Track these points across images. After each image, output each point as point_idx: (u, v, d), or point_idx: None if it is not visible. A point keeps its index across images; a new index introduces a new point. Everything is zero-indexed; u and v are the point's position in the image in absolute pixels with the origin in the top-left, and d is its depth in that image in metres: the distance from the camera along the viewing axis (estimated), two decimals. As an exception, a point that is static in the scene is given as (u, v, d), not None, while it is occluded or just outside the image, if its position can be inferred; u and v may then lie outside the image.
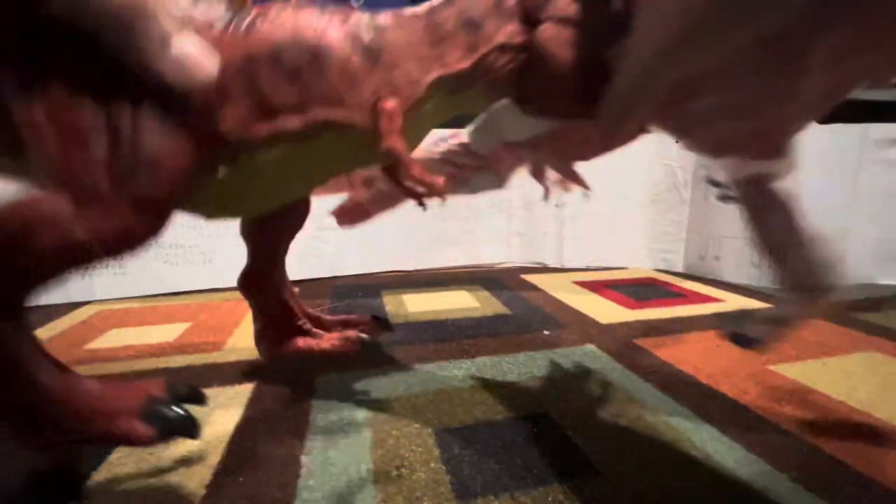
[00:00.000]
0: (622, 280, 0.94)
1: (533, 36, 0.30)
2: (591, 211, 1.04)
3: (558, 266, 1.06)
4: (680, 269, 1.01)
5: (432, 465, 0.33)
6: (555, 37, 0.29)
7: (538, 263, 1.07)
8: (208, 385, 0.46)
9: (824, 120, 0.84)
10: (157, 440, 0.25)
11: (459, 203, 1.03)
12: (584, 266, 1.05)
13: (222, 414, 0.40)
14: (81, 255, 0.23)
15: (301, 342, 0.42)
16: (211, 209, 0.33)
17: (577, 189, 0.51)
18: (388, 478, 0.32)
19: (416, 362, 0.52)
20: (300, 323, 0.42)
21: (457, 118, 0.37)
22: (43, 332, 0.63)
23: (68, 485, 0.26)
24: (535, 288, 0.87)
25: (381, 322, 0.47)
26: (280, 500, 0.30)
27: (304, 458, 0.34)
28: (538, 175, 0.50)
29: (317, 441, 0.36)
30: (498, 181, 0.51)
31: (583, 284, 0.90)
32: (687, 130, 0.33)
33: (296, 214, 0.41)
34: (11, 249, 0.21)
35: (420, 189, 0.29)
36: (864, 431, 0.38)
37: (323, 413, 0.41)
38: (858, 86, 0.27)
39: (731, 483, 0.31)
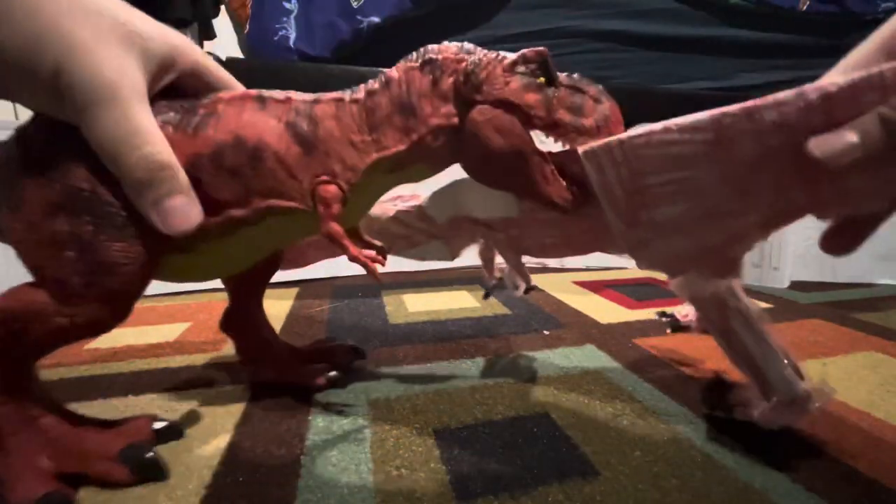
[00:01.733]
0: (622, 280, 0.94)
1: (467, 118, 0.30)
2: (590, 211, 1.04)
3: (558, 266, 1.06)
4: (680, 269, 1.01)
5: (432, 465, 0.33)
6: (487, 121, 0.30)
7: (538, 263, 1.07)
8: (208, 385, 0.46)
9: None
10: (131, 482, 0.30)
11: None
12: (584, 266, 1.05)
13: (222, 414, 0.40)
14: (64, 337, 0.28)
15: (277, 372, 0.45)
16: (175, 278, 0.36)
17: (520, 286, 0.51)
18: (388, 478, 0.32)
19: (416, 362, 0.52)
20: (277, 354, 0.46)
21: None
22: (43, 332, 0.63)
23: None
24: (534, 288, 0.86)
25: (356, 351, 0.49)
26: (280, 500, 0.30)
27: (304, 458, 0.34)
28: (486, 261, 0.51)
29: (317, 441, 0.36)
30: (448, 253, 0.50)
31: (583, 284, 0.90)
32: (644, 246, 0.32)
33: (268, 264, 0.44)
34: (11, 337, 0.26)
35: (362, 262, 0.32)
36: (864, 431, 0.38)
37: (323, 413, 0.41)
38: (802, 215, 0.28)
39: (731, 483, 0.31)
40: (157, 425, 0.35)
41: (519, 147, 0.30)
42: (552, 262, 1.06)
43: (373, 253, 0.32)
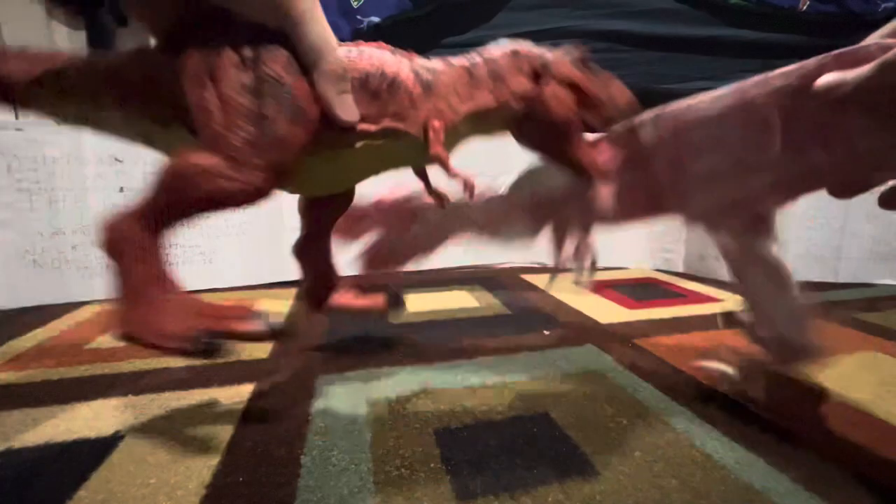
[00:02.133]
0: (622, 280, 0.94)
1: (538, 91, 0.39)
2: (591, 211, 1.04)
3: (557, 266, 1.06)
4: (680, 269, 1.01)
5: (432, 465, 0.33)
6: (554, 94, 0.39)
7: (538, 263, 1.07)
8: (208, 385, 0.46)
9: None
10: (270, 338, 0.34)
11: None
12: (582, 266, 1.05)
13: (222, 414, 0.40)
14: (223, 198, 0.31)
15: (341, 299, 0.52)
16: (299, 186, 0.42)
17: (586, 271, 0.53)
18: (388, 478, 0.32)
19: (417, 362, 0.52)
20: (337, 285, 0.53)
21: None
22: (43, 332, 0.63)
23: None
24: (535, 288, 0.87)
25: (394, 298, 0.56)
26: (280, 499, 0.30)
27: (303, 458, 0.34)
28: (559, 241, 0.54)
29: (317, 441, 0.36)
30: (530, 232, 0.54)
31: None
32: (688, 201, 0.40)
33: (344, 197, 0.50)
34: (179, 190, 0.30)
35: (460, 180, 0.39)
36: (864, 431, 0.38)
37: (323, 413, 0.41)
38: (820, 184, 0.33)
39: (731, 483, 0.31)
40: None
41: (571, 118, 0.39)
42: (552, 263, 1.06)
43: (464, 171, 0.39)
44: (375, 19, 1.10)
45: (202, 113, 0.31)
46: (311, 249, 0.51)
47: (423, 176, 0.48)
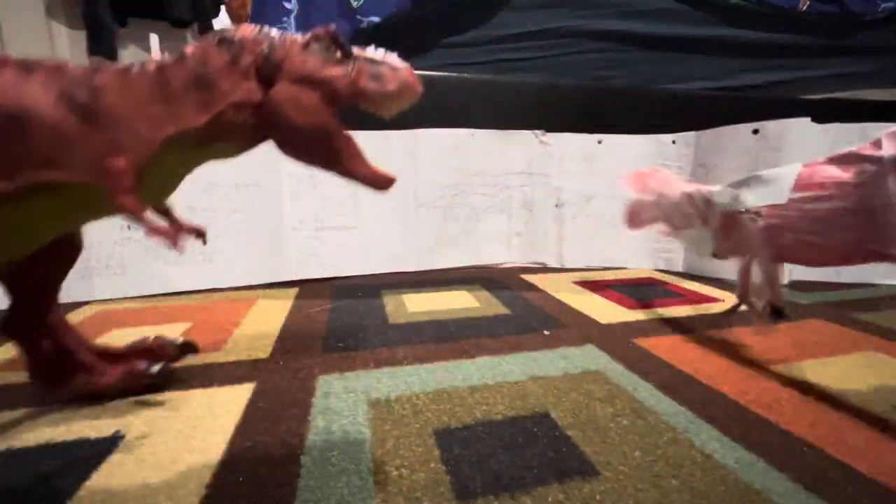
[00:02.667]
0: (622, 280, 0.94)
1: (267, 95, 0.30)
2: (591, 211, 1.04)
3: (558, 266, 1.06)
4: (680, 269, 1.01)
5: (432, 465, 0.33)
6: (289, 98, 0.30)
7: (538, 263, 1.07)
8: (208, 385, 0.46)
9: (823, 120, 0.84)
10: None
11: (459, 203, 1.03)
12: (584, 266, 1.05)
13: (222, 414, 0.40)
14: None
15: (80, 379, 0.40)
16: None
17: (765, 307, 0.52)
18: (388, 478, 0.32)
19: (416, 362, 0.52)
20: (79, 359, 0.41)
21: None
22: (43, 332, 0.63)
23: None
24: (535, 288, 0.86)
25: (185, 346, 0.46)
26: (280, 500, 0.30)
27: (303, 458, 0.34)
28: (743, 273, 0.56)
29: (317, 441, 0.36)
30: (709, 249, 0.55)
31: (583, 284, 0.90)
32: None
33: (63, 255, 0.39)
34: None
35: (162, 236, 0.30)
36: (863, 431, 0.38)
37: (323, 413, 0.41)
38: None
39: (731, 483, 0.31)
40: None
41: (321, 123, 0.31)
42: (552, 262, 1.06)
43: (167, 226, 0.31)
44: (376, 19, 1.11)
45: None
46: (25, 327, 0.39)
47: None
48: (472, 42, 1.19)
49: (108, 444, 0.36)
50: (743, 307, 0.58)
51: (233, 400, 0.43)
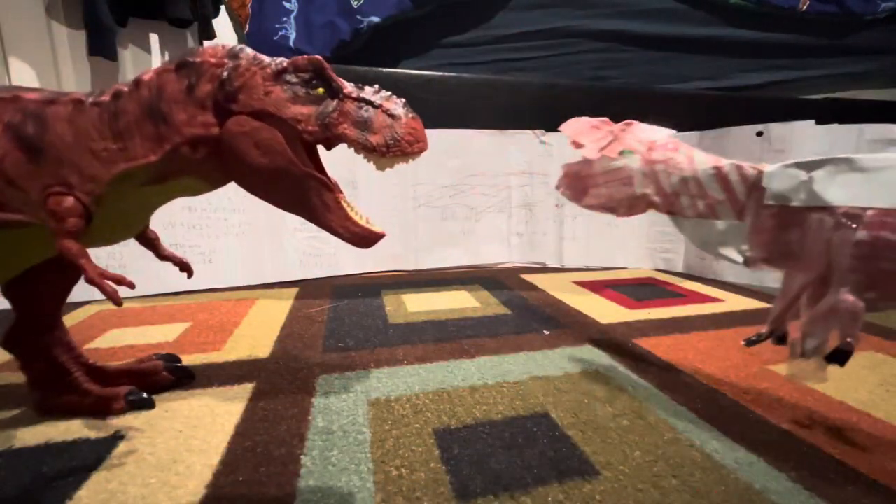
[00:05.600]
0: (622, 280, 0.94)
1: (223, 128, 0.28)
2: (591, 211, 1.04)
3: (558, 266, 1.06)
4: (680, 269, 1.01)
5: (432, 465, 0.33)
6: (244, 133, 0.27)
7: (538, 263, 1.07)
8: (208, 385, 0.46)
9: (823, 121, 0.84)
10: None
11: (459, 203, 1.03)
12: (584, 266, 1.05)
13: (222, 414, 0.40)
14: None
15: (67, 399, 0.39)
16: None
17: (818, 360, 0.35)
18: (388, 478, 0.32)
19: (416, 362, 0.52)
20: (71, 379, 0.39)
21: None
22: (43, 332, 0.63)
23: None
24: (535, 288, 0.86)
25: (180, 371, 0.44)
26: (280, 500, 0.30)
27: (304, 458, 0.34)
28: (812, 298, 0.36)
29: (317, 441, 0.36)
30: (741, 252, 0.39)
31: (583, 284, 0.90)
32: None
33: (64, 273, 0.37)
34: None
35: (102, 287, 0.27)
36: (864, 431, 0.38)
37: (323, 413, 0.41)
38: None
39: (732, 483, 0.31)
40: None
41: (282, 166, 0.28)
42: (552, 262, 1.06)
43: (117, 275, 0.28)
44: (375, 19, 1.10)
45: None
46: (25, 342, 0.38)
47: None
48: (472, 42, 1.19)
49: (108, 444, 0.36)
50: (772, 339, 0.39)
51: (233, 400, 0.43)
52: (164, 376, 0.42)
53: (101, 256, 0.79)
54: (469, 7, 1.16)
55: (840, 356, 0.33)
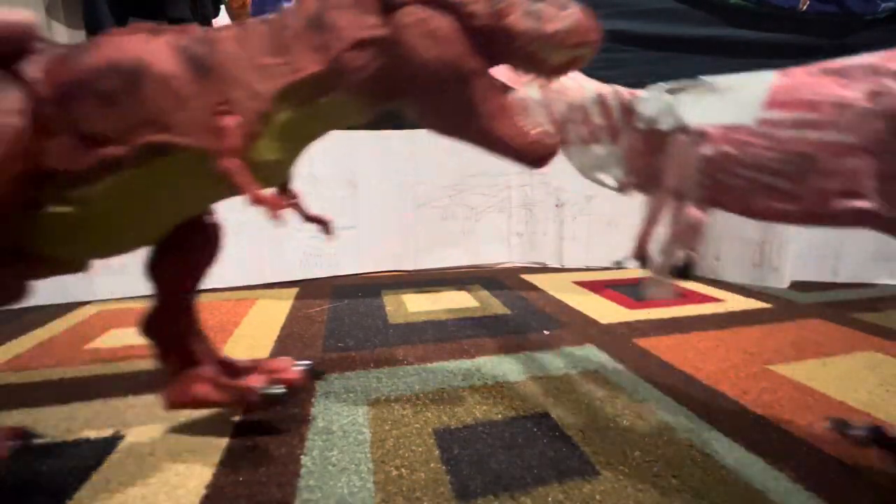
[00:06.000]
0: (622, 280, 0.94)
1: (391, 28, 0.26)
2: (591, 211, 1.04)
3: (558, 266, 1.06)
4: (680, 269, 1.01)
5: (432, 465, 0.33)
6: (416, 22, 0.25)
7: (538, 263, 1.07)
8: (208, 385, 0.46)
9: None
10: None
11: (459, 203, 1.03)
12: (584, 266, 1.05)
13: (223, 413, 0.40)
14: None
15: (198, 390, 0.37)
16: (73, 248, 0.30)
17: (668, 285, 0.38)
18: (388, 478, 0.32)
19: (417, 362, 0.52)
20: (203, 370, 0.38)
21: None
22: (43, 332, 0.63)
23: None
24: (535, 288, 0.86)
25: (306, 370, 0.42)
26: (280, 500, 0.30)
27: (304, 458, 0.34)
28: (650, 220, 0.40)
29: (317, 441, 0.36)
30: (616, 174, 0.41)
31: (583, 284, 0.89)
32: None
33: (198, 251, 0.37)
34: None
35: (272, 211, 0.27)
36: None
37: (323, 413, 0.41)
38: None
39: (732, 483, 0.31)
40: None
41: (455, 59, 0.26)
42: (552, 262, 1.06)
43: (275, 196, 0.27)
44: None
45: None
46: (163, 327, 0.36)
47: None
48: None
49: (108, 444, 0.36)
50: (631, 262, 0.41)
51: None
52: (291, 373, 0.41)
53: (101, 256, 0.79)
54: (469, 7, 1.16)
55: (684, 271, 0.36)
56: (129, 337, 0.60)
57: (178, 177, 0.28)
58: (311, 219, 0.34)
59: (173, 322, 0.36)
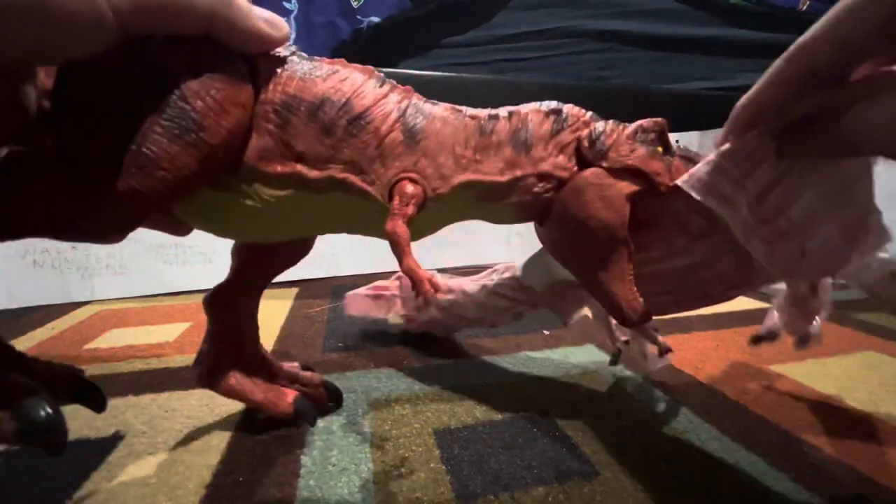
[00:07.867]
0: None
1: (577, 176, 0.29)
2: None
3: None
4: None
5: (432, 465, 0.33)
6: (598, 185, 0.28)
7: (538, 263, 1.07)
8: (208, 385, 0.46)
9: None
10: None
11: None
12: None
13: (222, 414, 0.40)
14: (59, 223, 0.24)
15: (236, 381, 0.37)
16: (215, 226, 0.32)
17: (651, 353, 0.44)
18: (388, 478, 0.32)
19: (416, 362, 0.52)
20: (246, 362, 0.38)
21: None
22: (43, 332, 0.63)
23: None
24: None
25: (333, 393, 0.42)
26: (280, 500, 0.30)
27: (304, 458, 0.34)
28: (603, 325, 0.45)
29: (317, 441, 0.36)
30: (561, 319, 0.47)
31: (583, 284, 0.89)
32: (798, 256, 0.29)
33: (293, 250, 0.37)
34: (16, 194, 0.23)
35: (415, 279, 0.27)
36: (864, 431, 0.38)
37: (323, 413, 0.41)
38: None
39: (731, 483, 0.31)
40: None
41: (612, 223, 0.28)
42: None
43: (430, 274, 0.28)
44: (375, 19, 1.10)
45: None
46: (228, 304, 0.36)
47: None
48: (472, 42, 1.18)
49: (108, 444, 0.36)
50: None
51: (233, 400, 0.43)
52: (320, 392, 0.41)
53: (101, 255, 0.79)
54: (469, 7, 1.16)
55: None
56: (129, 337, 0.60)
57: (345, 210, 0.29)
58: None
59: (237, 303, 0.36)
